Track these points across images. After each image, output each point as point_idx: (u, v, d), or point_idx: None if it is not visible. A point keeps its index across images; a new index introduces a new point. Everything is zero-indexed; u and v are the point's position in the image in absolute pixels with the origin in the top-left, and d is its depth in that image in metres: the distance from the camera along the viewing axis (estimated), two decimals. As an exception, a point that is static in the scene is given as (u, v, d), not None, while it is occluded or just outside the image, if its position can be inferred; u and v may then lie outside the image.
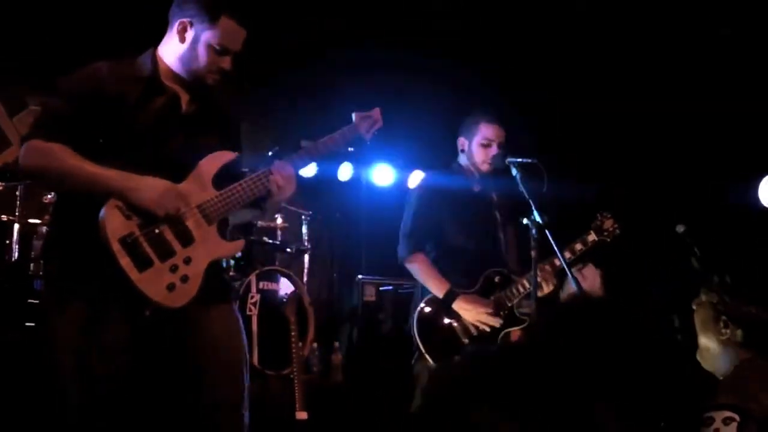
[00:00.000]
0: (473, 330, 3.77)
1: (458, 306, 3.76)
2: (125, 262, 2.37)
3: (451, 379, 1.33)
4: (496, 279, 3.88)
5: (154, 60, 2.63)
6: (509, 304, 3.80)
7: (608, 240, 3.90)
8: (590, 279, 4.30)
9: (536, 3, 5.58)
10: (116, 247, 2.36)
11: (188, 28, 2.57)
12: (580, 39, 5.84)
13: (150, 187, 2.43)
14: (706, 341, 2.46)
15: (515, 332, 3.83)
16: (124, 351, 2.43)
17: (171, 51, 2.62)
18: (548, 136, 6.02)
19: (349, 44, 5.74)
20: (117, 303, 2.41)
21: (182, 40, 2.58)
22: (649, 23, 5.64)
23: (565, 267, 3.45)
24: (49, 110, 2.54)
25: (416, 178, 6.03)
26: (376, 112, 2.99)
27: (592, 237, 3.89)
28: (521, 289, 3.79)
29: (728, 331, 2.40)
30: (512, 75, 6.06)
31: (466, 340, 3.77)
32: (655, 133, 6.23)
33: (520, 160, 3.65)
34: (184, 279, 2.46)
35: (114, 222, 2.38)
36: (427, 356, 3.72)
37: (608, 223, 3.89)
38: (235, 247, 2.73)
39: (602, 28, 5.71)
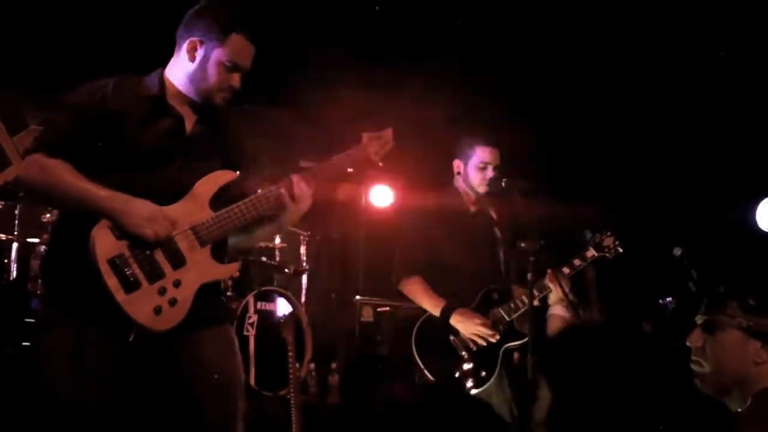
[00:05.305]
0: (472, 345, 3.76)
1: (455, 320, 3.76)
2: (112, 282, 2.33)
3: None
4: (495, 296, 3.87)
5: (162, 81, 2.61)
6: (508, 319, 3.79)
7: (609, 257, 3.92)
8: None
9: (535, 19, 5.60)
10: (104, 267, 2.33)
11: (198, 47, 2.55)
12: (581, 58, 5.86)
13: (136, 211, 2.39)
14: (737, 368, 2.33)
15: (517, 353, 3.83)
16: (111, 373, 2.40)
17: (180, 71, 2.60)
18: (547, 156, 6.04)
19: (348, 62, 5.76)
20: (104, 324, 2.37)
21: (192, 59, 2.56)
22: (653, 39, 5.65)
23: (563, 291, 3.47)
24: (52, 125, 2.52)
25: (412, 199, 6.03)
26: (388, 133, 2.85)
27: (591, 253, 3.91)
28: (520, 304, 3.78)
29: (765, 352, 2.30)
30: (510, 94, 6.07)
31: (464, 354, 3.75)
32: (654, 154, 6.25)
33: (516, 182, 3.66)
34: (172, 302, 2.42)
35: (104, 242, 2.35)
36: (427, 374, 3.71)
37: (608, 241, 3.91)
38: (229, 270, 2.66)
39: (606, 41, 5.71)
